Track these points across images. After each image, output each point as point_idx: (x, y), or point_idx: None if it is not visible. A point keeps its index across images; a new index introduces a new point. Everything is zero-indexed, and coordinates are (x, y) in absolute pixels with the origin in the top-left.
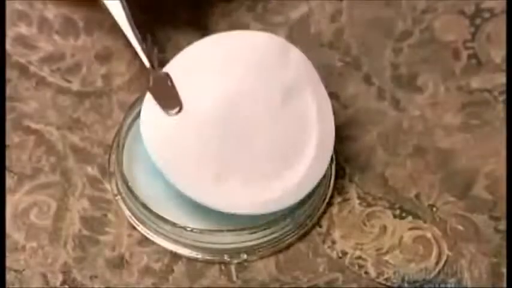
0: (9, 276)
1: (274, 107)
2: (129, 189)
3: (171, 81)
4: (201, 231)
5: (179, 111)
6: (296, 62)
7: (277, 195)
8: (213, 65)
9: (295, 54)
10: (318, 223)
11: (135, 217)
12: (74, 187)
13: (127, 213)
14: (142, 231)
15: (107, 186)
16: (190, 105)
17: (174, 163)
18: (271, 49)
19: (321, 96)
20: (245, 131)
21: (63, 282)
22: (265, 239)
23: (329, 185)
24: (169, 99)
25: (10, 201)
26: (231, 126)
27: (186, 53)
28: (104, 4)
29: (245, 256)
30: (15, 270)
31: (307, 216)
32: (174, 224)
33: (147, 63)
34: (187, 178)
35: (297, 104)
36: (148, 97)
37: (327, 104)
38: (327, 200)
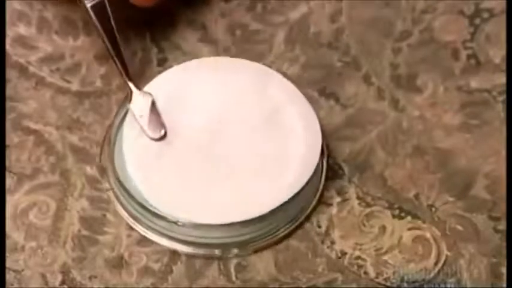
0: (9, 277)
1: (257, 128)
2: (121, 185)
3: (154, 103)
4: (193, 225)
5: (164, 136)
6: (277, 86)
7: (262, 202)
8: (194, 89)
9: (276, 78)
10: (315, 222)
11: (129, 214)
12: (73, 187)
13: (120, 209)
14: (136, 228)
15: (104, 180)
16: (172, 127)
17: (157, 187)
18: (251, 74)
19: (307, 114)
20: (228, 152)
21: (62, 283)
22: (256, 233)
23: (321, 179)
24: (152, 122)
25: (9, 201)
26: (215, 148)
27: (166, 75)
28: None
29: (236, 251)
30: (15, 271)
31: (299, 210)
32: (164, 218)
33: (132, 87)
34: (171, 201)
35: (281, 124)
36: (130, 118)
37: (314, 122)
38: (319, 192)
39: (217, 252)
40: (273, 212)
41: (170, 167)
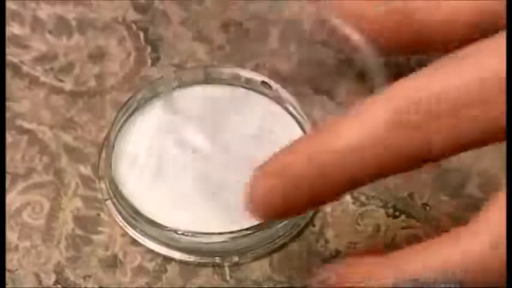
0: None
1: (247, 146)
2: (119, 193)
3: None
4: (193, 234)
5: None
6: (259, 107)
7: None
8: (180, 120)
9: (257, 99)
10: (311, 223)
11: (126, 221)
12: (67, 187)
13: (116, 215)
14: (132, 235)
15: (101, 185)
16: (163, 153)
17: (153, 211)
18: (232, 99)
19: (292, 131)
20: (222, 177)
21: (56, 282)
22: (257, 240)
23: None
24: None
25: None
26: (210, 166)
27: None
28: None
29: (237, 258)
30: (8, 270)
31: (299, 217)
32: (164, 227)
33: None
34: (171, 211)
35: (268, 144)
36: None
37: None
38: None
39: (217, 260)
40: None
41: (166, 191)
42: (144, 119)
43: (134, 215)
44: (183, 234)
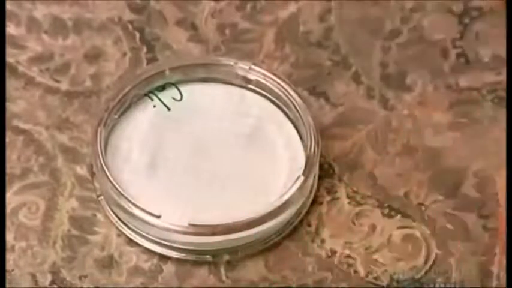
0: None
1: (241, 146)
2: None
3: None
4: (184, 230)
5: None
6: (255, 107)
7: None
8: (175, 117)
9: (253, 100)
10: (305, 221)
11: (119, 217)
12: (62, 187)
13: (109, 213)
14: (121, 228)
15: (95, 183)
16: (157, 151)
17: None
18: (229, 98)
19: (286, 131)
20: (216, 168)
21: (52, 282)
22: (248, 240)
23: (315, 184)
24: None
25: None
26: (202, 166)
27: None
28: None
29: (227, 257)
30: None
31: (292, 216)
32: (154, 224)
33: None
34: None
35: (262, 143)
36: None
37: (295, 137)
38: (311, 198)
39: (208, 257)
40: (262, 220)
41: (159, 187)
42: (137, 115)
43: (127, 211)
44: (175, 230)
